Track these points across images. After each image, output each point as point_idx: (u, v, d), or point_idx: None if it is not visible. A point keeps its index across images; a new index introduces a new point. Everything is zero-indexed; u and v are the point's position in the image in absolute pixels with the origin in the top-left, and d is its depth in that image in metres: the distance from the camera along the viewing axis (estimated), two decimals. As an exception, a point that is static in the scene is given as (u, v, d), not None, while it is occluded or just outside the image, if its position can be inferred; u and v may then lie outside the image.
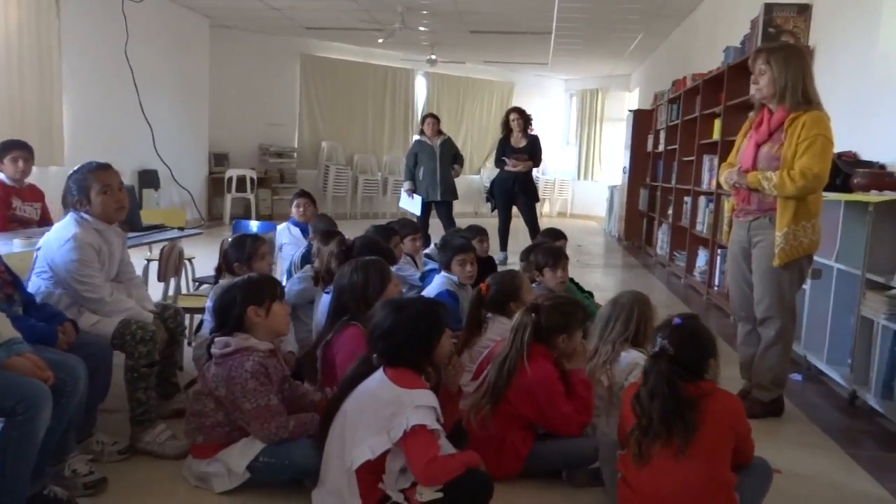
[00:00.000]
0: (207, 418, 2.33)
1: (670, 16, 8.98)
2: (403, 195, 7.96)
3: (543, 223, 11.61)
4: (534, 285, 3.91)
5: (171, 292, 3.68)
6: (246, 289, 2.40)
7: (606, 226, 12.17)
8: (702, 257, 6.64)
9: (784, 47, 3.28)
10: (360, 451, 2.00)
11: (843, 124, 4.37)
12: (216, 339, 2.34)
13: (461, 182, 12.97)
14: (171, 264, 3.54)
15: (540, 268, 3.76)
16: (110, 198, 2.69)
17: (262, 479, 2.30)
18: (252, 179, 10.67)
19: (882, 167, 3.85)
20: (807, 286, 4.01)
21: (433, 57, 11.80)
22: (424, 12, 9.45)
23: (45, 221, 4.32)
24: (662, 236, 8.47)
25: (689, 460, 1.96)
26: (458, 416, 2.39)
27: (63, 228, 2.65)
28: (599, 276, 7.51)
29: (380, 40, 10.57)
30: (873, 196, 3.32)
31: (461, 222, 5.56)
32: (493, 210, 7.70)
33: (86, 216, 2.67)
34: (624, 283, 7.36)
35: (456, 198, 7.93)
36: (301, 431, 2.34)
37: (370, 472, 2.05)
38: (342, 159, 12.55)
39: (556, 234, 4.77)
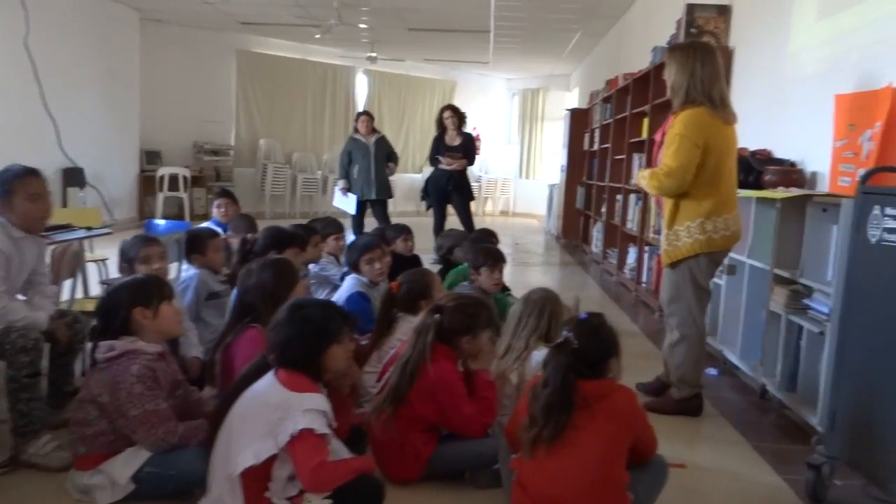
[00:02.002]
0: (90, 427, 2.22)
1: (606, 16, 9.09)
2: (338, 194, 7.86)
3: (486, 222, 11.71)
4: (466, 284, 3.89)
5: (66, 296, 3.52)
6: (132, 289, 2.30)
7: (546, 224, 12.27)
8: (632, 254, 6.73)
9: (677, 47, 3.26)
10: (244, 457, 1.92)
11: (758, 123, 4.49)
12: (100, 344, 2.23)
13: (403, 181, 13.05)
14: (66, 266, 3.38)
15: (477, 267, 3.74)
16: (37, 207, 2.59)
17: (147, 490, 2.19)
18: (185, 178, 10.39)
19: (793, 164, 3.94)
20: (721, 281, 4.09)
21: (373, 54, 11.70)
22: (363, 8, 9.35)
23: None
24: (597, 234, 8.56)
25: (582, 460, 1.94)
26: (351, 421, 2.33)
27: None
28: (535, 275, 7.54)
29: (317, 35, 10.42)
30: (780, 192, 3.38)
31: (404, 221, 5.49)
32: (427, 208, 7.65)
33: (1, 220, 2.53)
34: (559, 281, 7.42)
35: (391, 196, 7.87)
36: (191, 437, 2.23)
37: (256, 480, 1.97)
38: (281, 157, 12.35)
39: (490, 234, 4.77)
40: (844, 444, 2.39)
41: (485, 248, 3.81)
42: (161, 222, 4.38)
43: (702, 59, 3.09)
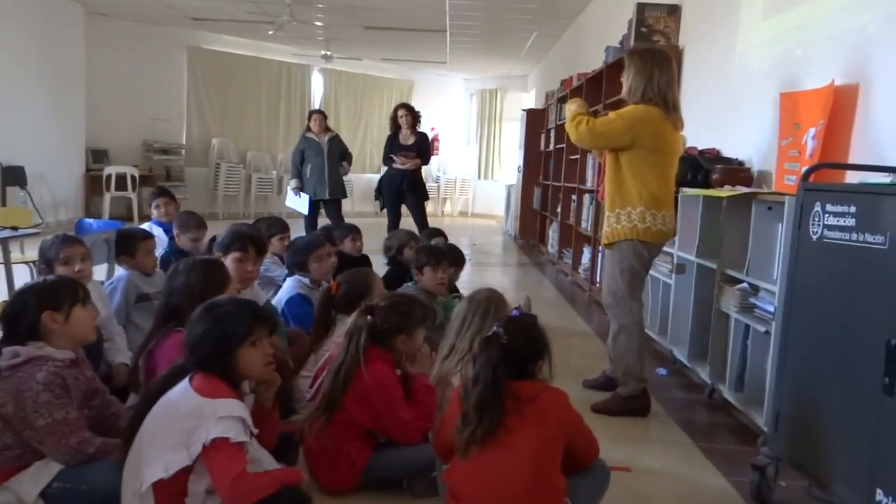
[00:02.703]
0: (-7, 441, 2.06)
1: (562, 16, 9.10)
2: (290, 193, 7.68)
3: (445, 223, 11.61)
4: (410, 285, 3.80)
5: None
6: (41, 292, 2.13)
7: (504, 225, 12.24)
8: (586, 254, 6.70)
9: (636, 52, 3.34)
10: (152, 470, 1.78)
11: (707, 122, 4.49)
12: (3, 350, 2.07)
13: (361, 181, 12.91)
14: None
15: (420, 267, 3.65)
16: None
17: (58, 507, 2.04)
18: (134, 177, 10.09)
19: (740, 163, 3.93)
20: (671, 281, 4.06)
21: (328, 52, 11.52)
22: (318, 6, 9.20)
23: None
24: (553, 234, 8.55)
25: (515, 464, 1.85)
26: (278, 430, 2.20)
27: None
28: (492, 275, 7.49)
29: (270, 32, 10.21)
30: (725, 191, 3.36)
31: (362, 222, 5.37)
32: (381, 209, 7.52)
33: None
34: (515, 281, 7.39)
35: (345, 196, 7.72)
36: (110, 452, 2.09)
37: (171, 494, 1.83)
38: (234, 157, 12.10)
39: (434, 233, 4.71)
40: (788, 445, 2.35)
41: (427, 246, 3.73)
42: (92, 221, 4.17)
43: (660, 65, 3.20)
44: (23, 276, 4.25)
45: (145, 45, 10.91)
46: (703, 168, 3.94)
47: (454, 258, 4.09)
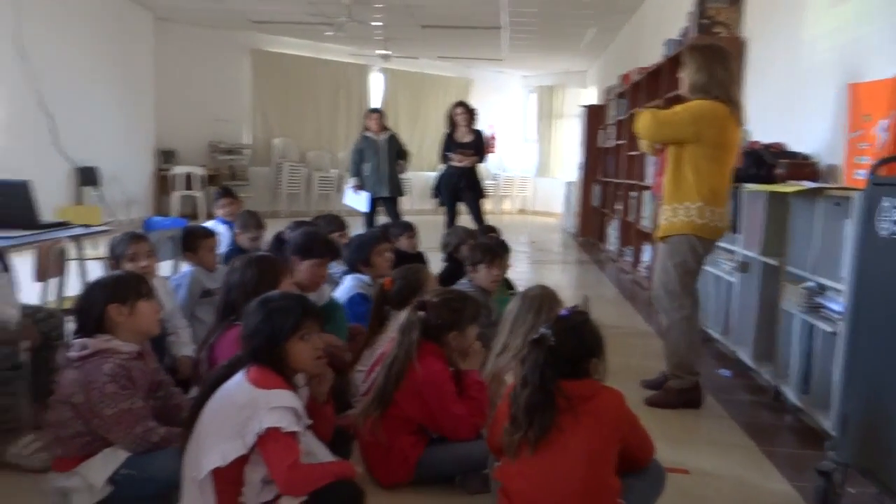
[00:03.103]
0: (65, 428, 2.15)
1: (620, 10, 8.95)
2: (349, 192, 7.78)
3: (504, 220, 11.57)
4: (464, 281, 3.81)
5: (51, 296, 3.48)
6: (107, 286, 2.23)
7: (564, 222, 12.12)
8: (647, 252, 6.57)
9: (696, 48, 3.33)
10: (209, 459, 1.84)
11: (772, 116, 4.35)
12: (73, 342, 2.17)
13: (419, 179, 12.97)
14: (53, 263, 3.34)
15: (475, 264, 3.66)
16: None
17: (125, 493, 2.12)
18: (201, 177, 10.42)
19: (806, 158, 3.79)
20: (734, 279, 3.95)
21: (386, 52, 11.62)
22: (376, 6, 9.29)
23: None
24: (613, 232, 8.42)
25: (568, 465, 1.84)
26: (332, 424, 2.23)
27: None
28: (550, 273, 7.44)
29: (328, 33, 10.38)
30: (790, 186, 3.25)
31: (420, 220, 5.44)
32: (440, 206, 7.56)
33: None
34: (574, 279, 7.32)
35: (402, 194, 7.78)
36: (172, 440, 2.17)
37: (229, 484, 1.89)
38: (296, 156, 12.35)
39: (486, 229, 4.70)
40: (856, 450, 2.26)
41: (482, 243, 3.72)
42: (161, 219, 4.33)
43: (721, 61, 3.19)
44: (97, 272, 4.44)
45: (210, 48, 11.25)
46: (766, 163, 3.81)
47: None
